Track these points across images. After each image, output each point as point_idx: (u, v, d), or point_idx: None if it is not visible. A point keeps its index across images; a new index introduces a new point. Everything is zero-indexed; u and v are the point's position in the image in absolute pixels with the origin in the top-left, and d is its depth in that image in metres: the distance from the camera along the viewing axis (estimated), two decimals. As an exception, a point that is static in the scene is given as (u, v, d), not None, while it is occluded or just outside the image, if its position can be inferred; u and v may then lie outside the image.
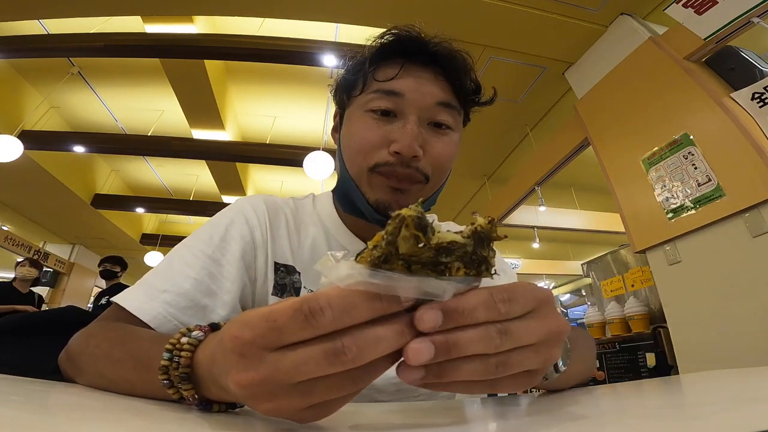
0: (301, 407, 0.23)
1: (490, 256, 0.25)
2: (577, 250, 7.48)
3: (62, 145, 4.24)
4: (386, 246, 0.23)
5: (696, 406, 0.36)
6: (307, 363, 0.21)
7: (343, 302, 0.22)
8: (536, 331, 0.26)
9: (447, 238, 0.24)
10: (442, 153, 0.56)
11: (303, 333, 0.22)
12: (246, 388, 0.22)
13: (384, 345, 0.22)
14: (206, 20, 3.25)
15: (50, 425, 0.23)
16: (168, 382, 0.30)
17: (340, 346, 0.21)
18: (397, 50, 0.57)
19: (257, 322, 0.22)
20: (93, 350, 0.42)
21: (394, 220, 0.23)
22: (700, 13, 1.89)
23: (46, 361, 0.47)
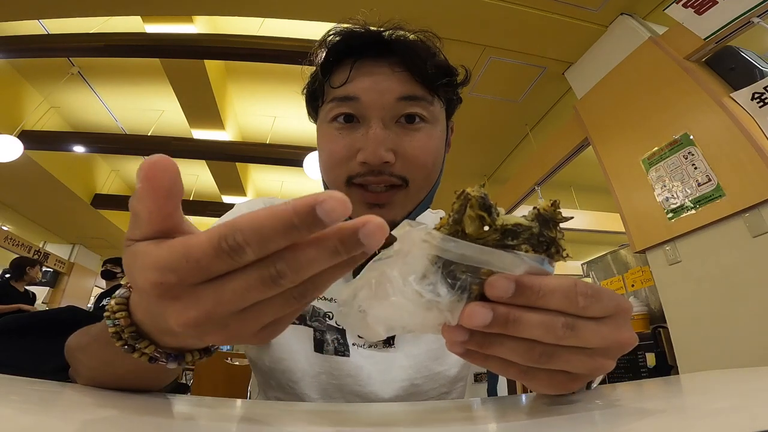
0: (255, 329, 0.22)
1: (559, 237, 0.24)
2: (577, 250, 7.48)
3: (62, 145, 4.24)
4: (453, 224, 0.23)
5: (696, 406, 0.36)
6: (248, 290, 0.20)
7: (255, 224, 0.19)
8: (604, 337, 0.25)
9: (512, 221, 0.23)
10: (417, 151, 0.51)
11: (226, 267, 0.20)
12: (193, 327, 0.21)
13: (318, 261, 0.20)
14: (206, 20, 3.25)
15: (50, 425, 0.23)
16: (128, 347, 0.28)
17: (274, 271, 0.19)
18: (345, 50, 0.53)
19: (177, 263, 0.20)
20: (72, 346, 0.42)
21: (459, 199, 0.23)
22: (700, 13, 1.89)
23: (46, 361, 0.47)
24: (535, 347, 0.24)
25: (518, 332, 0.23)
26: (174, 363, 0.29)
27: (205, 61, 3.32)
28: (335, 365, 0.55)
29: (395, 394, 0.55)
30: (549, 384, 0.26)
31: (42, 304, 3.31)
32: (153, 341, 0.28)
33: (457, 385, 0.62)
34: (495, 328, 0.23)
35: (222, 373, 1.46)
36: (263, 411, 0.35)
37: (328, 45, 0.54)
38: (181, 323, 0.21)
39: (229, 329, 0.21)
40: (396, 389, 0.55)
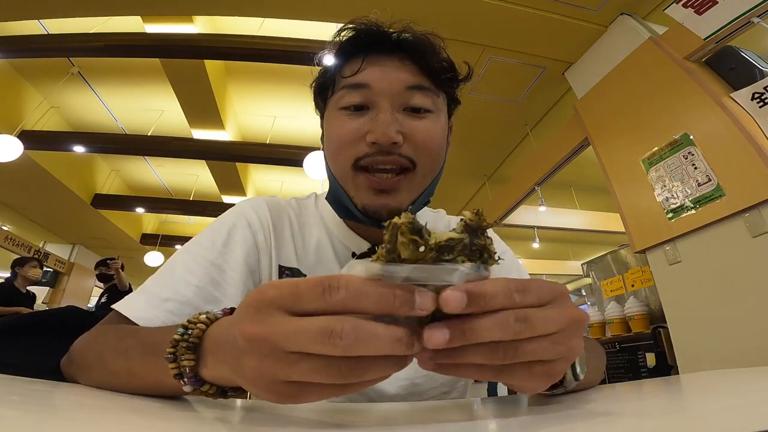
0: (280, 377, 0.23)
1: (488, 243, 0.26)
2: (577, 250, 7.48)
3: (62, 145, 4.24)
4: (388, 254, 0.24)
5: (696, 406, 0.36)
6: (304, 332, 0.22)
7: (359, 285, 0.23)
8: (555, 320, 0.26)
9: (444, 237, 0.24)
10: (424, 135, 0.53)
11: (317, 304, 0.23)
12: (247, 340, 0.23)
13: (379, 344, 0.22)
14: (206, 20, 3.25)
15: (50, 425, 0.23)
16: (172, 355, 0.30)
17: (339, 328, 0.21)
18: (357, 44, 0.56)
19: (283, 285, 0.24)
20: (100, 345, 0.42)
21: (388, 230, 0.24)
22: (700, 13, 1.89)
23: (46, 361, 0.47)
24: (497, 347, 0.25)
25: (478, 338, 0.25)
26: (191, 387, 0.30)
27: (205, 61, 3.32)
28: None
29: (396, 392, 0.56)
30: (530, 377, 0.27)
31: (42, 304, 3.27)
32: (196, 361, 0.30)
33: (457, 384, 0.62)
34: (456, 342, 0.24)
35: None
36: (265, 410, 0.35)
37: (341, 39, 0.58)
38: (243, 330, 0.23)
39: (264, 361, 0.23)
40: (397, 388, 0.56)
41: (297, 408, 0.40)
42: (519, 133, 3.66)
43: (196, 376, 0.30)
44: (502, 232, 5.03)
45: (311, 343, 0.22)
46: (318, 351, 0.22)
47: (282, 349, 0.22)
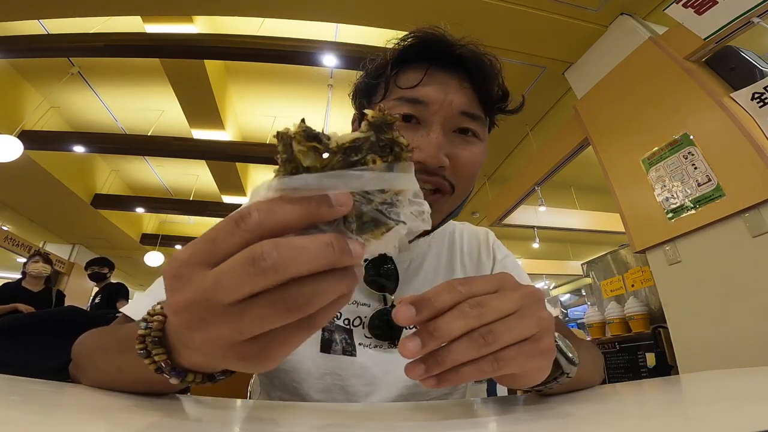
0: (235, 338, 0.21)
1: (395, 136, 0.24)
2: (577, 250, 7.48)
3: (62, 145, 4.24)
4: (286, 164, 0.22)
5: (696, 406, 0.36)
6: (227, 273, 0.20)
7: (269, 204, 0.21)
8: (510, 298, 0.28)
9: (348, 138, 0.23)
10: (468, 162, 0.53)
11: (233, 239, 0.20)
12: (178, 313, 0.21)
13: (308, 254, 0.20)
14: (206, 20, 3.25)
15: (50, 425, 0.23)
16: (144, 351, 0.29)
17: (259, 251, 0.19)
18: (420, 54, 0.55)
19: (196, 241, 0.22)
20: (90, 345, 0.42)
21: (279, 140, 0.22)
22: (700, 13, 1.89)
23: (46, 361, 0.47)
24: (475, 335, 0.27)
25: (445, 333, 0.26)
26: (176, 379, 0.29)
27: (205, 61, 3.31)
28: (342, 365, 0.55)
29: (398, 393, 0.56)
30: (526, 358, 0.28)
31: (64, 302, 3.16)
32: (169, 353, 0.29)
33: (458, 385, 0.62)
34: (430, 343, 0.26)
35: (222, 373, 1.46)
36: (267, 411, 0.35)
37: (407, 44, 0.56)
38: (170, 305, 0.21)
39: (208, 327, 0.21)
40: (399, 389, 0.56)
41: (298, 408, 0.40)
42: (519, 133, 3.66)
43: (175, 367, 0.29)
44: (502, 232, 5.03)
45: (239, 279, 0.19)
46: (250, 286, 0.20)
47: (216, 304, 0.20)
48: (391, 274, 0.60)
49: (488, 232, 0.74)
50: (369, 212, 0.23)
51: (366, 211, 0.22)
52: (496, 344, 0.27)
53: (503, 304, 0.28)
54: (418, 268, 0.64)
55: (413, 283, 0.62)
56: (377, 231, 0.23)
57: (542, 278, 8.58)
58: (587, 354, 0.47)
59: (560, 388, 0.40)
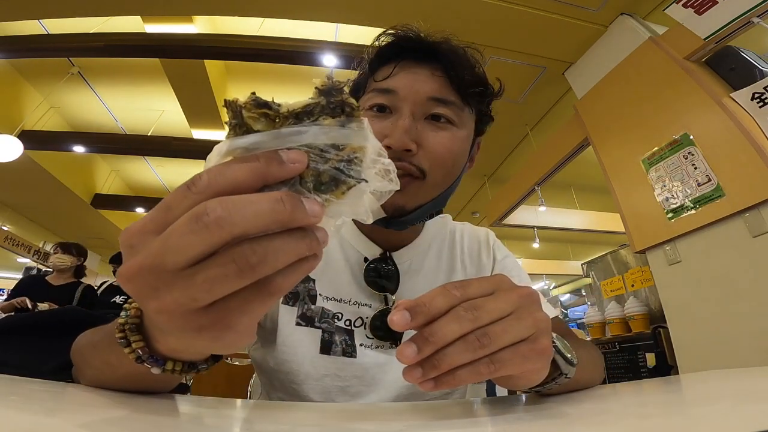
0: (189, 305, 0.20)
1: (345, 97, 0.23)
2: (577, 250, 7.48)
3: (62, 145, 4.24)
4: (236, 128, 0.22)
5: (696, 406, 0.36)
6: (171, 234, 0.19)
7: (220, 166, 0.20)
8: (506, 299, 0.28)
9: (299, 105, 0.23)
10: (438, 146, 0.53)
11: (184, 203, 0.20)
12: (129, 281, 0.20)
13: (255, 209, 0.19)
14: (206, 20, 3.25)
15: (50, 425, 0.23)
16: (124, 340, 0.29)
17: (203, 208, 0.18)
18: (394, 50, 0.57)
19: (151, 210, 0.21)
20: (81, 344, 0.42)
21: (229, 108, 0.22)
22: (700, 13, 1.89)
23: (46, 361, 0.47)
24: (471, 338, 0.27)
25: (441, 337, 0.26)
26: (157, 368, 0.29)
27: (205, 61, 3.31)
28: (342, 366, 0.55)
29: (398, 393, 0.56)
30: (523, 359, 0.28)
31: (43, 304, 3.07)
32: (147, 340, 0.29)
33: (457, 387, 0.62)
34: (426, 348, 0.26)
35: (222, 373, 1.46)
36: (267, 411, 0.35)
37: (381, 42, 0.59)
38: (121, 273, 0.20)
39: (160, 295, 0.20)
40: (399, 389, 0.56)
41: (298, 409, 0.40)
42: (519, 133, 3.66)
43: (153, 355, 0.29)
44: (502, 232, 5.03)
45: (183, 239, 0.18)
46: (196, 247, 0.18)
47: (165, 270, 0.19)
48: (391, 275, 0.60)
49: (488, 232, 0.74)
50: (327, 171, 0.22)
51: (324, 170, 0.22)
52: (492, 346, 0.27)
53: (498, 306, 0.28)
54: (419, 269, 0.64)
55: (414, 283, 0.62)
56: (338, 190, 0.22)
57: (542, 278, 8.58)
58: (587, 354, 0.47)
59: (559, 389, 0.39)
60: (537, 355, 0.29)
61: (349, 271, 0.60)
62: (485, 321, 0.27)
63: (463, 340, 0.27)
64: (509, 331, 0.28)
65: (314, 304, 0.58)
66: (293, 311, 0.57)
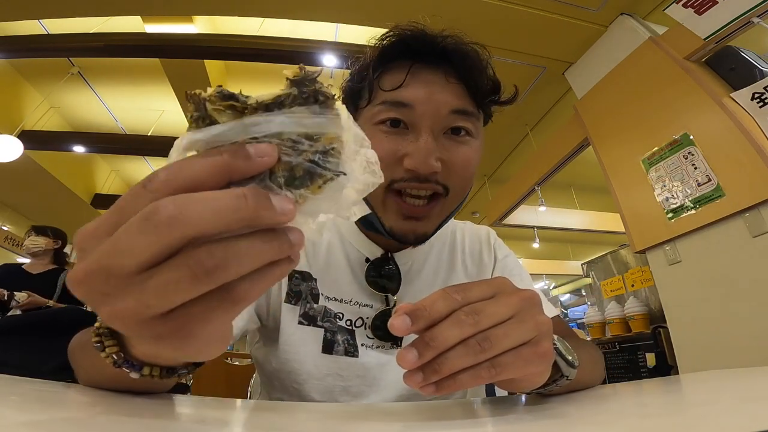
0: (144, 313, 0.18)
1: (318, 87, 0.21)
2: (577, 250, 7.47)
3: (62, 145, 4.24)
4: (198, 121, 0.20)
5: (696, 406, 0.36)
6: (121, 236, 0.17)
7: (180, 162, 0.19)
8: (507, 303, 0.28)
9: (269, 96, 0.21)
10: (462, 162, 0.52)
11: (138, 203, 0.18)
12: (79, 285, 0.18)
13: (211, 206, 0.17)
14: (206, 20, 3.25)
15: (50, 425, 0.23)
16: (100, 344, 0.28)
17: (153, 206, 0.17)
18: (401, 52, 0.52)
19: (105, 211, 0.19)
20: (74, 344, 0.42)
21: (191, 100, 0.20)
22: (700, 13, 1.89)
23: (46, 361, 0.47)
24: (472, 342, 0.27)
25: (443, 344, 0.26)
26: (135, 373, 0.28)
27: (205, 61, 3.31)
28: (344, 366, 0.55)
29: (400, 394, 0.55)
30: (525, 363, 0.28)
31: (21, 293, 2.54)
32: (122, 345, 0.28)
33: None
34: (426, 353, 0.26)
35: (222, 373, 1.46)
36: (268, 411, 0.35)
37: (386, 43, 0.53)
38: (70, 278, 0.18)
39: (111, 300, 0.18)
40: (401, 389, 0.56)
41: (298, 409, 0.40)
42: (519, 133, 3.66)
43: (128, 360, 0.28)
44: (503, 232, 5.02)
45: (132, 239, 0.17)
46: (146, 249, 0.17)
47: (116, 274, 0.17)
48: (392, 275, 0.60)
49: (489, 231, 0.74)
50: (301, 164, 0.20)
51: (297, 164, 0.20)
52: (493, 350, 0.27)
53: (499, 309, 0.28)
54: (420, 269, 0.63)
55: (415, 283, 0.62)
56: (313, 185, 0.20)
57: (542, 278, 8.58)
58: (587, 355, 0.47)
59: (560, 390, 0.39)
60: (538, 359, 0.29)
61: (350, 271, 0.60)
62: (486, 325, 0.27)
63: (463, 345, 0.27)
64: (510, 334, 0.28)
65: (317, 303, 0.57)
66: (296, 310, 0.56)
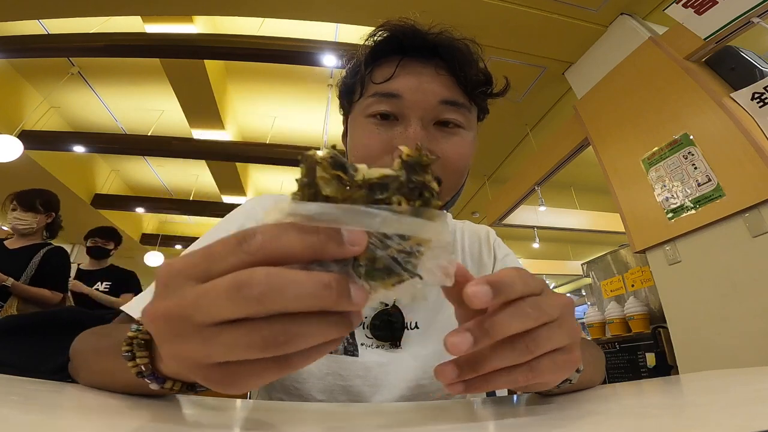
0: (203, 360, 0.19)
1: (428, 180, 0.22)
2: (577, 250, 7.48)
3: (62, 145, 4.24)
4: (305, 188, 0.20)
5: (696, 406, 0.36)
6: (209, 293, 0.18)
7: (276, 229, 0.19)
8: (555, 304, 0.27)
9: (376, 174, 0.21)
10: (452, 153, 0.52)
11: (230, 259, 0.19)
12: (153, 321, 0.20)
13: (301, 290, 0.18)
14: (206, 20, 3.25)
15: (50, 425, 0.23)
16: (129, 353, 0.28)
17: (249, 277, 0.18)
18: (392, 47, 0.53)
19: (196, 251, 0.20)
20: (85, 345, 0.42)
21: (304, 162, 0.20)
22: (700, 13, 1.89)
23: (46, 361, 0.47)
24: (516, 341, 0.25)
25: (502, 333, 0.24)
26: (156, 385, 0.29)
27: (205, 61, 3.32)
28: (344, 366, 0.55)
29: (401, 394, 0.55)
30: (556, 369, 0.27)
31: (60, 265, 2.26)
32: (152, 358, 0.28)
33: None
34: (482, 342, 0.23)
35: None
36: (268, 412, 0.35)
37: (375, 40, 0.55)
38: (146, 311, 0.20)
39: (178, 343, 0.20)
40: (402, 389, 0.55)
41: (298, 409, 0.40)
42: (519, 133, 3.66)
43: (155, 373, 0.28)
44: (503, 232, 5.01)
45: (219, 302, 0.18)
46: (230, 312, 0.18)
47: (192, 322, 0.19)
48: None
49: (489, 230, 0.73)
50: (383, 258, 0.20)
51: (380, 257, 0.20)
52: (537, 352, 0.25)
53: (551, 310, 0.26)
54: None
55: None
56: (388, 281, 0.21)
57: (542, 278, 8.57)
58: (590, 355, 0.47)
59: (560, 392, 0.39)
60: (569, 366, 0.28)
61: None
62: (541, 322, 0.25)
63: (510, 342, 0.25)
64: (553, 338, 0.26)
65: None
66: None
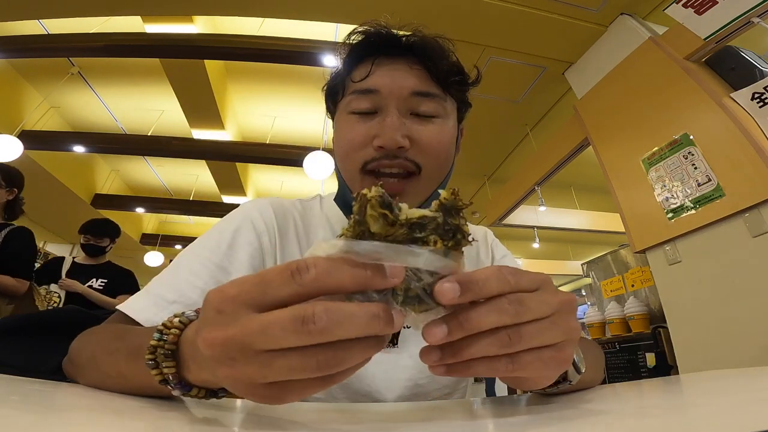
0: (258, 380, 0.22)
1: (462, 223, 0.25)
2: (577, 250, 7.48)
3: (62, 145, 4.24)
4: (356, 226, 0.24)
5: (696, 406, 0.36)
6: (274, 325, 0.20)
7: (328, 264, 0.22)
8: (548, 302, 0.27)
9: (416, 214, 0.24)
10: (430, 139, 0.54)
11: (286, 289, 0.21)
12: (210, 347, 0.22)
13: (356, 323, 0.21)
14: (206, 20, 3.25)
15: (50, 425, 0.24)
16: (153, 362, 0.29)
17: (311, 312, 0.20)
18: (367, 48, 0.57)
19: (248, 279, 0.22)
20: (93, 345, 0.42)
21: (357, 201, 0.24)
22: (700, 13, 1.89)
23: (46, 361, 0.47)
24: (502, 333, 0.25)
25: (476, 327, 0.25)
26: (179, 391, 0.29)
27: (205, 61, 3.31)
28: None
29: (399, 393, 0.55)
30: (543, 365, 0.27)
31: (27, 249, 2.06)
32: (178, 367, 0.29)
33: (459, 385, 0.62)
34: (456, 333, 0.25)
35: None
36: (268, 411, 0.35)
37: (351, 43, 0.58)
38: (204, 337, 0.22)
39: (236, 366, 0.22)
40: (400, 389, 0.55)
41: (298, 408, 0.40)
42: (519, 133, 3.66)
43: (181, 381, 0.29)
44: (502, 232, 5.03)
45: (284, 334, 0.20)
46: (293, 342, 0.21)
47: (252, 349, 0.21)
48: None
49: (487, 231, 0.74)
50: (416, 289, 0.24)
51: (413, 287, 0.24)
52: (520, 346, 0.26)
53: (541, 306, 0.26)
54: None
55: None
56: (419, 308, 0.24)
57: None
58: (590, 355, 0.47)
59: (560, 391, 0.39)
60: (557, 364, 0.28)
61: None
62: (525, 319, 0.26)
63: (493, 333, 0.25)
64: (541, 335, 0.26)
65: None
66: None
